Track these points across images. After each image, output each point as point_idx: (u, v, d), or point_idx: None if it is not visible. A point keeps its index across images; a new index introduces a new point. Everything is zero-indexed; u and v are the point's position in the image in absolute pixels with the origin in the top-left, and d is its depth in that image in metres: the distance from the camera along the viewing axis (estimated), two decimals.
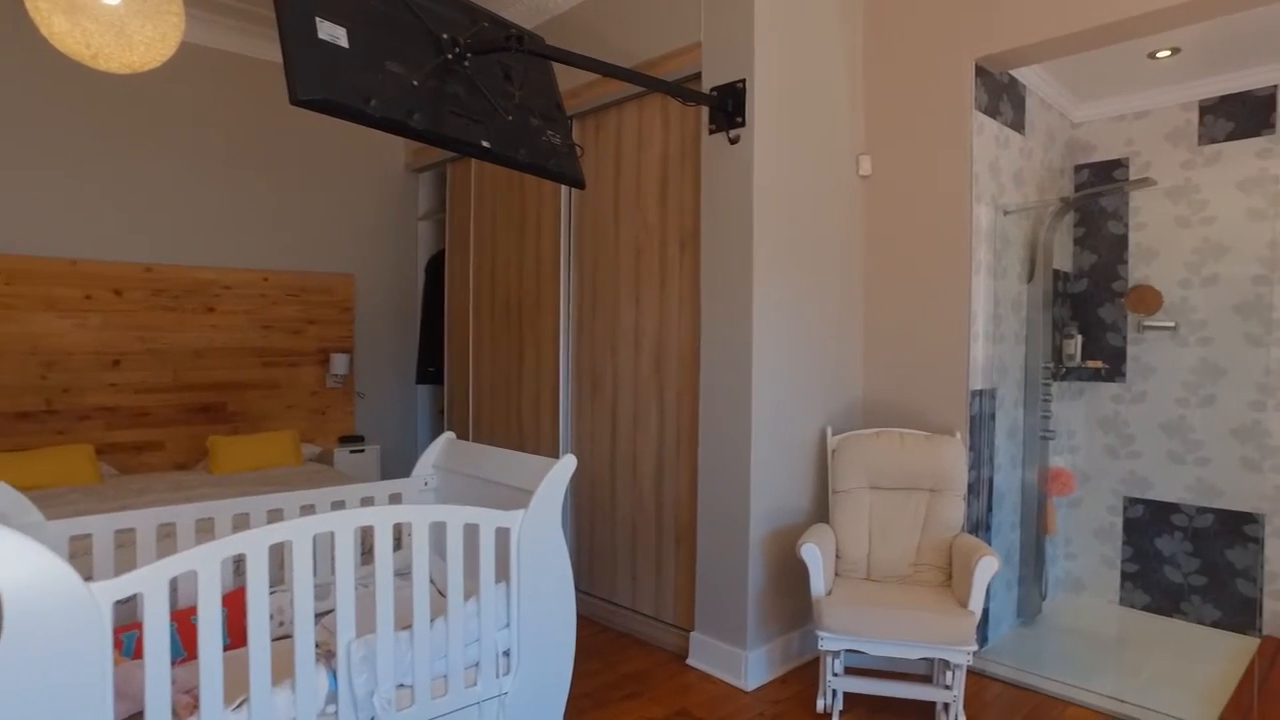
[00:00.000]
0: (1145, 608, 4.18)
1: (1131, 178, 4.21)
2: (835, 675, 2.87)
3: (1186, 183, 4.07)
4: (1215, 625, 3.96)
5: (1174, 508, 4.10)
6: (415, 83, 2.08)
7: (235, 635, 2.29)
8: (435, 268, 5.50)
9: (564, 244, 4.00)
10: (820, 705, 2.92)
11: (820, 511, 3.43)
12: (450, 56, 2.20)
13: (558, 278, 4.02)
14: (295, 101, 1.79)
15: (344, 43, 1.89)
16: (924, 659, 2.96)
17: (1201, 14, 2.89)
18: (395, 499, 2.85)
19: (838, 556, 3.12)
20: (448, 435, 3.00)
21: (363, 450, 5.03)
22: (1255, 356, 3.84)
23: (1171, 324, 4.08)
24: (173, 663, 2.12)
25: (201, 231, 4.63)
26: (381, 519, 2.02)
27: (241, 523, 2.79)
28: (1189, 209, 4.06)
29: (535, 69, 2.61)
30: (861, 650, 2.75)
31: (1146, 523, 4.18)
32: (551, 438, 4.06)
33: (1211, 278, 3.98)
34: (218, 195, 4.68)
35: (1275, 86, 3.82)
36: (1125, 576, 4.25)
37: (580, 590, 3.91)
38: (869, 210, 3.63)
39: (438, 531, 2.82)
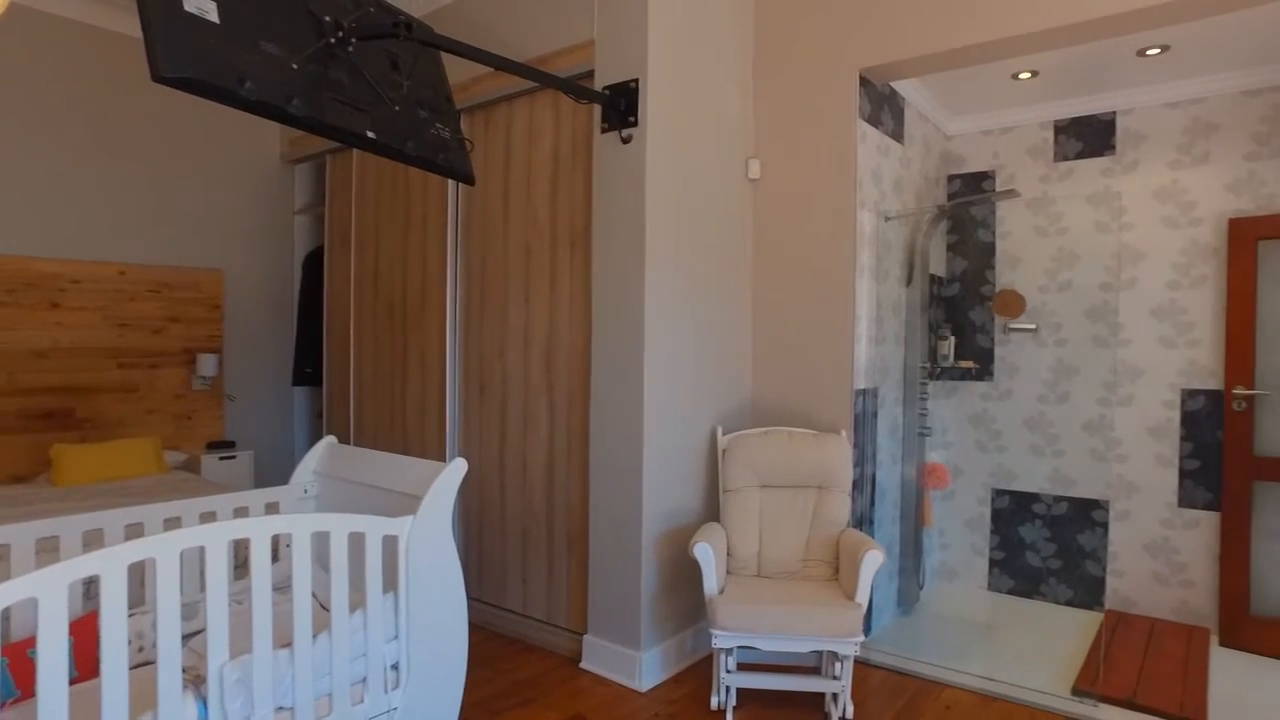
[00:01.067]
0: (1010, 591, 4.46)
1: (998, 189, 4.48)
2: (728, 672, 2.90)
3: (1044, 196, 4.36)
4: (1069, 604, 4.27)
5: (1035, 497, 4.39)
6: (294, 66, 1.95)
7: (84, 666, 2.09)
8: (313, 264, 5.24)
9: (451, 242, 3.88)
10: (714, 703, 2.95)
11: (712, 511, 3.47)
12: (333, 40, 2.08)
13: (444, 276, 3.90)
14: (158, 79, 1.64)
15: (214, 17, 1.75)
16: (814, 651, 3.04)
17: (1054, 42, 3.12)
18: (272, 509, 2.67)
19: (729, 555, 3.16)
20: (329, 439, 2.85)
21: (234, 457, 4.72)
22: (1102, 357, 4.17)
23: (1033, 326, 4.37)
24: (1, 704, 1.91)
25: (45, 219, 4.21)
26: (258, 530, 1.89)
27: (94, 540, 2.55)
28: (1046, 220, 4.35)
29: (424, 59, 2.52)
30: (754, 646, 2.79)
31: (1011, 512, 4.46)
32: (438, 441, 3.93)
33: (1066, 284, 4.29)
34: (66, 179, 4.28)
35: (1115, 112, 4.16)
36: (993, 563, 4.52)
37: (470, 597, 3.81)
38: (758, 213, 3.70)
39: (320, 542, 2.67)
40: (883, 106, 3.76)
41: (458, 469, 2.32)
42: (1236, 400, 3.75)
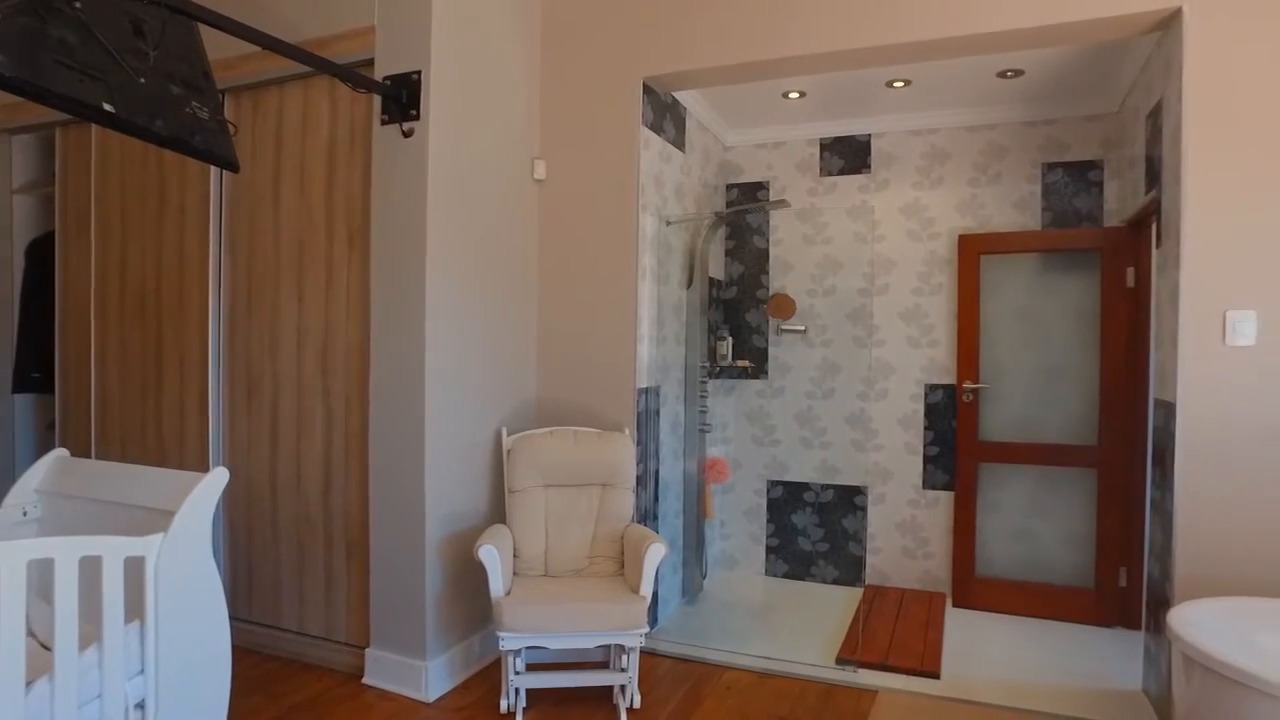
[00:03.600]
0: (785, 575, 4.80)
1: (771, 199, 4.81)
2: (517, 674, 2.88)
3: (812, 207, 4.74)
4: (835, 582, 4.67)
5: (805, 486, 4.75)
6: None
7: None
8: (41, 252, 4.57)
9: (215, 232, 3.55)
10: (504, 706, 2.92)
11: (498, 512, 3.43)
12: None
13: (206, 270, 3.55)
14: None
15: None
16: (601, 646, 3.10)
17: (815, 67, 3.43)
18: None
19: (516, 555, 3.14)
20: (58, 453, 2.51)
21: None
22: (861, 356, 4.61)
23: (802, 328, 4.74)
24: None
25: None
26: None
27: None
28: (814, 229, 4.74)
29: (176, 28, 2.28)
30: (542, 646, 2.80)
31: (784, 501, 4.80)
32: (199, 450, 3.58)
33: (830, 289, 4.69)
34: None
35: (870, 135, 4.61)
36: (769, 550, 4.84)
37: (238, 619, 3.49)
38: (543, 214, 3.72)
39: (43, 570, 2.33)
40: (665, 115, 3.91)
41: (218, 479, 2.13)
42: (965, 393, 4.28)
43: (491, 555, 2.83)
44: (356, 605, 3.23)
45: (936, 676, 3.32)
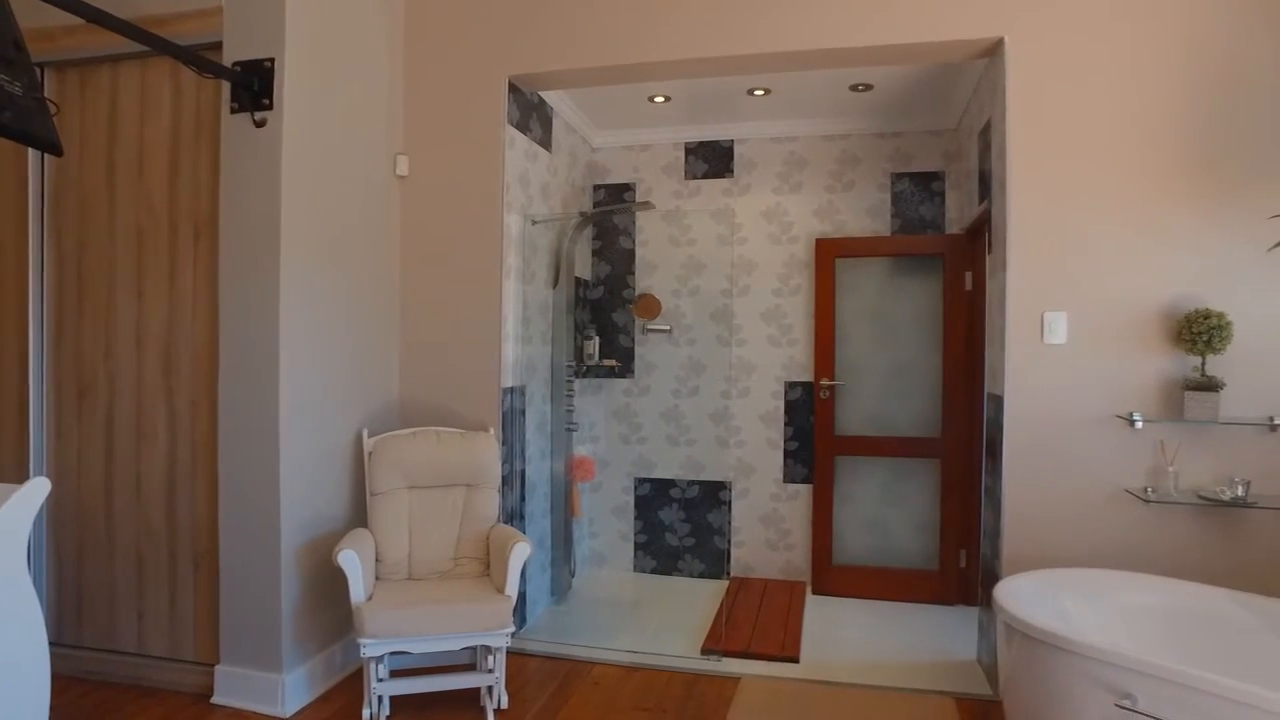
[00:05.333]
0: (653, 571, 4.88)
1: (637, 200, 4.89)
2: (380, 681, 2.81)
3: (677, 209, 4.86)
4: (701, 576, 4.79)
5: (671, 483, 4.86)
6: None
7: None
8: None
9: (35, 221, 3.25)
10: (366, 715, 2.82)
11: (359, 516, 3.32)
12: None
13: (26, 263, 3.25)
14: None
15: None
16: (468, 649, 3.05)
17: (676, 73, 3.53)
18: None
19: (378, 560, 3.06)
20: None
21: None
22: (723, 354, 4.76)
23: (667, 328, 4.84)
24: None
25: None
26: None
27: None
28: (679, 231, 4.85)
29: None
30: (406, 650, 2.74)
31: (652, 498, 4.89)
32: (17, 461, 3.27)
33: (695, 289, 4.82)
34: None
35: (733, 141, 4.77)
36: (637, 547, 4.91)
37: (61, 645, 3.21)
38: (406, 211, 3.63)
39: None
40: (531, 114, 3.91)
41: (35, 491, 1.96)
42: (822, 390, 4.50)
43: (351, 560, 2.74)
44: (205, 620, 3.05)
45: (796, 661, 3.47)
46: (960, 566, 4.32)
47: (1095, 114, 3.00)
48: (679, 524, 4.85)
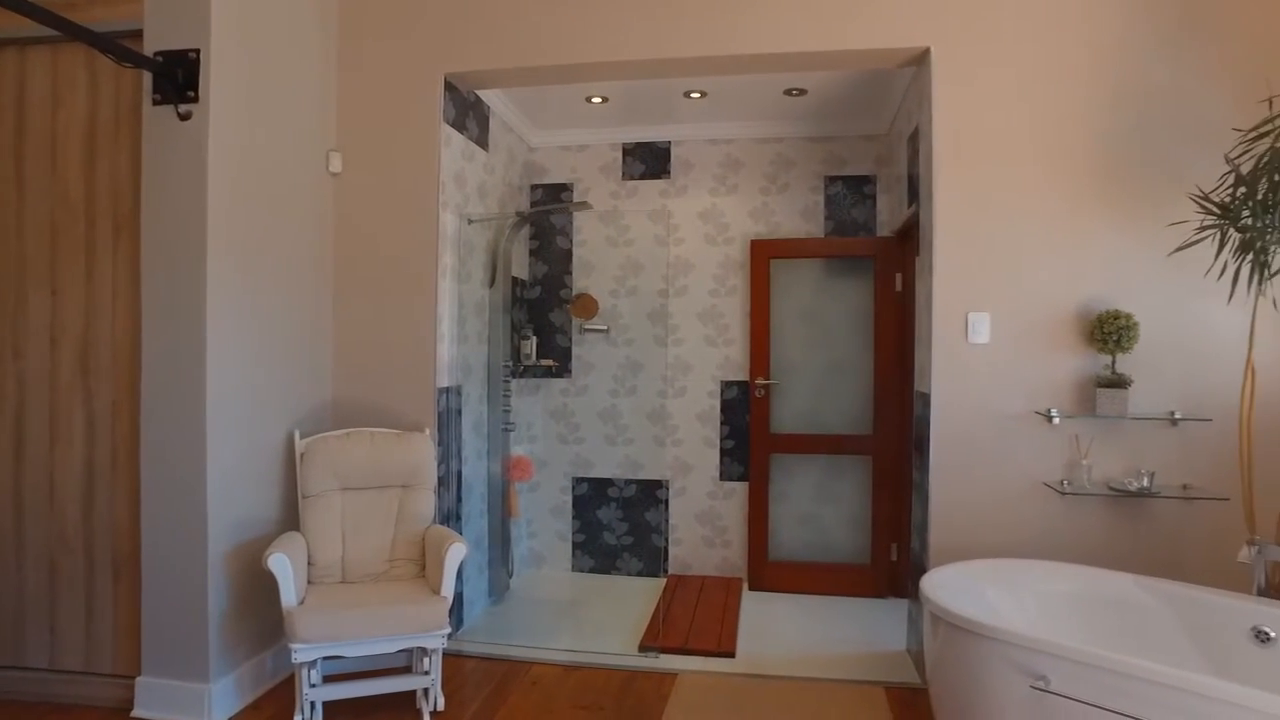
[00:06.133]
0: (591, 570, 4.89)
1: (574, 200, 4.89)
2: (313, 686, 2.75)
3: (614, 209, 4.88)
4: (640, 574, 4.82)
5: (610, 482, 4.87)
6: None
7: None
8: None
9: None
10: None
11: (291, 518, 3.24)
12: None
13: None
14: None
15: None
16: (403, 651, 3.01)
17: (612, 74, 3.55)
18: None
19: (311, 563, 3.00)
20: None
21: None
22: (660, 354, 4.80)
23: (605, 328, 4.85)
24: None
25: None
26: None
27: None
28: (616, 231, 4.87)
29: None
30: (340, 655, 2.69)
31: (590, 498, 4.90)
32: None
33: (632, 289, 4.85)
34: None
35: (670, 142, 4.81)
36: (575, 546, 4.92)
37: None
38: (339, 209, 3.57)
39: None
40: (468, 113, 3.88)
41: None
42: (758, 389, 4.57)
43: (282, 564, 2.68)
44: (125, 631, 2.94)
45: (732, 656, 3.53)
46: (891, 560, 4.45)
47: (1015, 123, 3.13)
48: (617, 523, 4.87)
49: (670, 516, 4.81)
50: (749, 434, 4.64)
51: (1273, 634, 2.26)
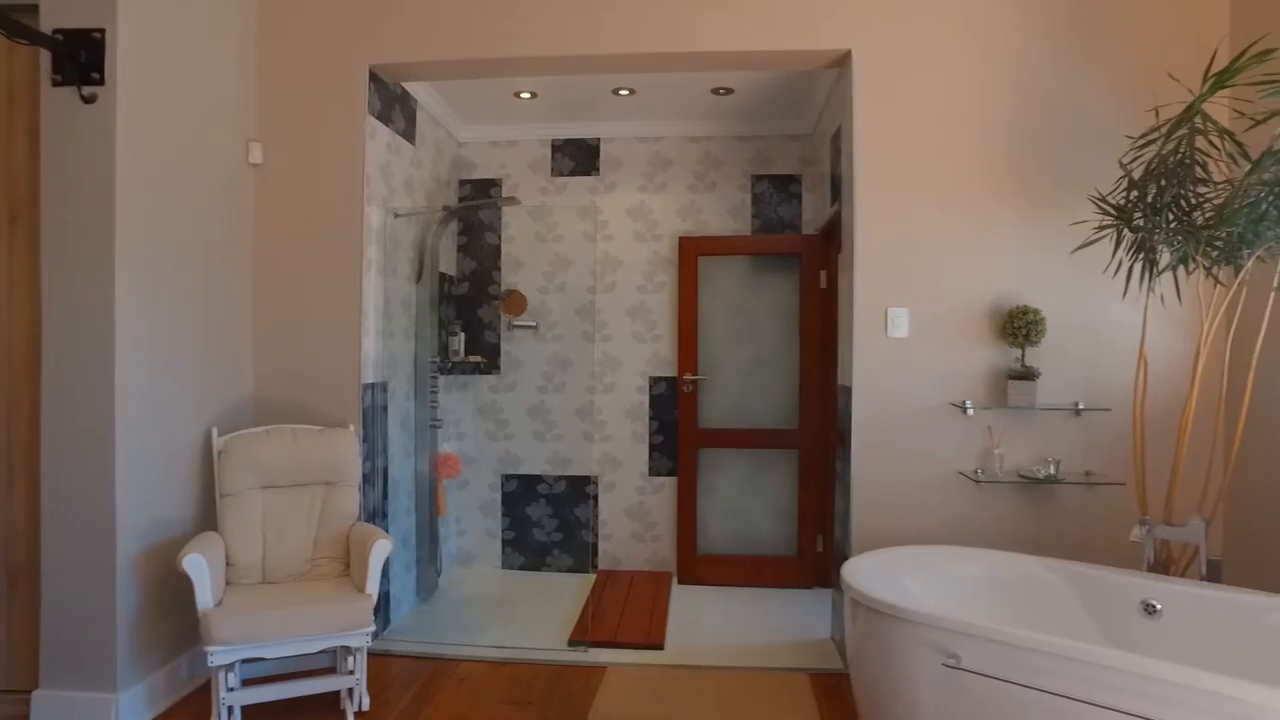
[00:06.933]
0: (521, 567, 4.87)
1: (503, 196, 4.85)
2: (230, 690, 2.67)
3: (543, 205, 4.86)
4: (570, 570, 4.82)
5: (539, 479, 4.86)
6: None
7: None
8: None
9: None
10: None
11: (210, 519, 3.14)
12: None
13: None
14: None
15: None
16: (327, 652, 2.95)
17: (538, 69, 3.56)
18: None
19: (229, 564, 2.91)
20: None
21: None
22: (589, 350, 4.80)
23: (534, 324, 4.83)
24: None
25: None
26: None
27: None
28: (545, 228, 4.86)
29: None
30: (259, 656, 2.62)
31: (519, 495, 4.87)
32: None
33: (561, 286, 4.84)
34: None
35: (599, 139, 4.83)
36: (505, 543, 4.88)
37: None
38: (261, 200, 3.47)
39: None
40: (394, 106, 3.81)
41: None
42: (686, 384, 4.62)
43: (198, 564, 2.60)
44: (21, 642, 2.79)
45: (661, 648, 3.56)
46: (817, 551, 4.55)
47: (931, 125, 3.25)
48: (546, 519, 4.86)
49: (600, 512, 4.83)
50: (677, 429, 4.68)
51: (1159, 606, 2.42)
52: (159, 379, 2.88)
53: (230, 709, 2.70)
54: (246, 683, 2.88)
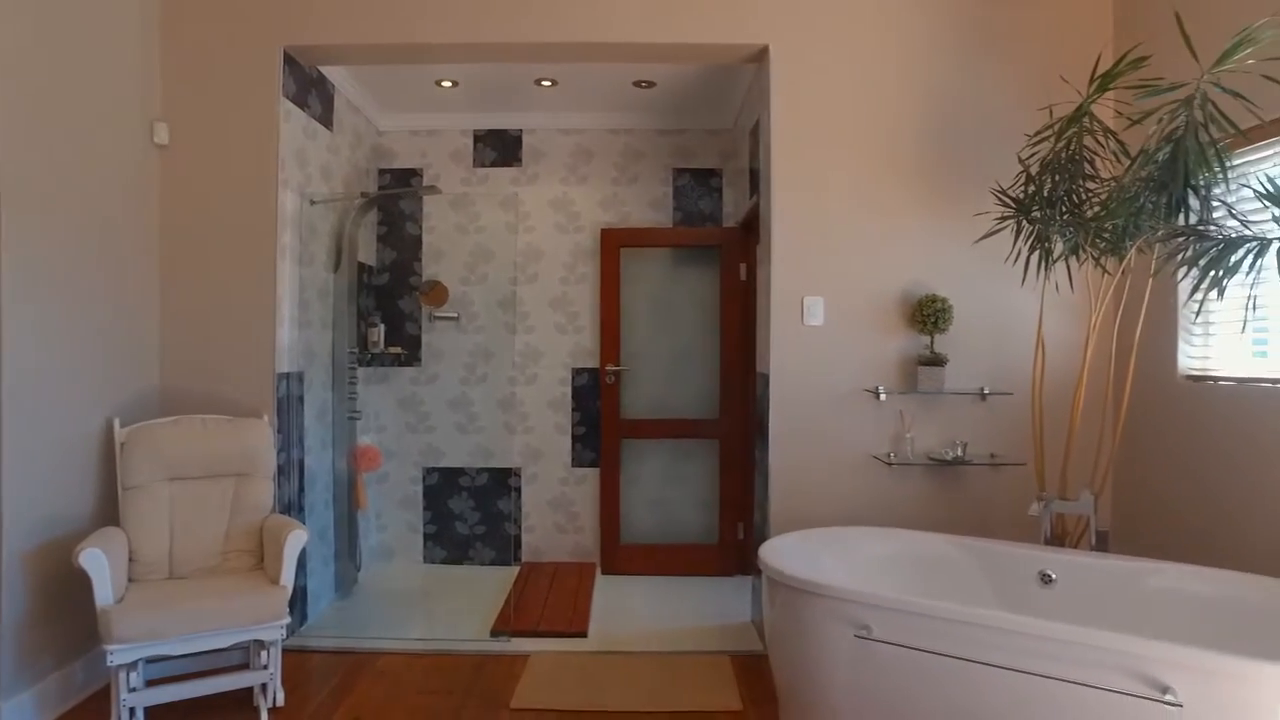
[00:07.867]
0: (443, 561, 4.81)
1: (424, 186, 4.79)
2: (133, 691, 2.56)
3: (464, 196, 4.81)
4: (493, 563, 4.79)
5: (461, 471, 4.81)
6: None
7: None
8: None
9: None
10: None
11: (111, 513, 3.00)
12: None
13: None
14: None
15: None
16: (240, 648, 2.85)
17: (458, 57, 3.52)
18: None
19: (132, 559, 2.79)
20: None
21: None
22: (511, 342, 4.78)
23: (455, 315, 4.78)
24: None
25: None
26: None
27: None
28: (467, 218, 4.81)
29: None
30: (165, 654, 2.52)
31: (441, 488, 4.81)
32: None
33: (483, 277, 4.80)
34: None
35: (521, 130, 4.81)
36: (427, 537, 4.82)
37: None
38: (166, 183, 3.33)
39: None
40: (310, 90, 3.72)
41: None
42: (608, 375, 4.65)
43: (96, 560, 2.48)
44: None
45: (584, 635, 3.58)
46: (738, 539, 4.64)
47: (845, 120, 3.36)
48: (469, 512, 4.81)
49: (523, 504, 4.81)
50: (600, 420, 4.71)
51: (1054, 575, 2.57)
52: (50, 367, 2.74)
53: (132, 710, 2.59)
54: (151, 683, 2.77)
